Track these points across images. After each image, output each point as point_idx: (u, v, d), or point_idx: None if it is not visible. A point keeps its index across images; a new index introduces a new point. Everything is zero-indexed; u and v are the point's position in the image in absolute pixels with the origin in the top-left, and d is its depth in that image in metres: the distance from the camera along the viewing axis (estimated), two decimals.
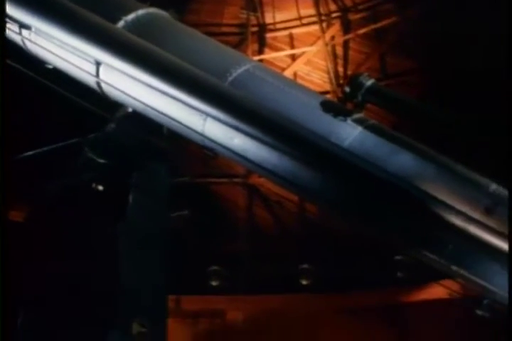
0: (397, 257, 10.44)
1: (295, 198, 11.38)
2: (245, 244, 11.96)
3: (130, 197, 4.72)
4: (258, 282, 11.12)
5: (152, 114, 4.41)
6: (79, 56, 4.13)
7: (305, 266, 11.25)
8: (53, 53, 4.28)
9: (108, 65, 4.01)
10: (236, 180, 11.81)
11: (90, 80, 4.45)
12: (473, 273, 5.70)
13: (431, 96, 10.45)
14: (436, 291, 9.36)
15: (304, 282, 11.22)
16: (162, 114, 4.27)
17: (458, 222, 5.12)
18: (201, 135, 4.48)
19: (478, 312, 7.06)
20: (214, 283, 11.36)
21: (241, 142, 4.50)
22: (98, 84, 4.43)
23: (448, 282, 8.40)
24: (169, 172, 5.24)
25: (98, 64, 4.20)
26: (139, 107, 4.43)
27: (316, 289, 11.15)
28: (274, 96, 4.35)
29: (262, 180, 11.31)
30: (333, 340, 11.16)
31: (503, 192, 5.72)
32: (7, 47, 4.19)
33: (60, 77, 4.49)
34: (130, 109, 4.71)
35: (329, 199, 5.51)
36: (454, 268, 5.56)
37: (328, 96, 10.73)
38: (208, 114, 4.05)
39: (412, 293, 10.62)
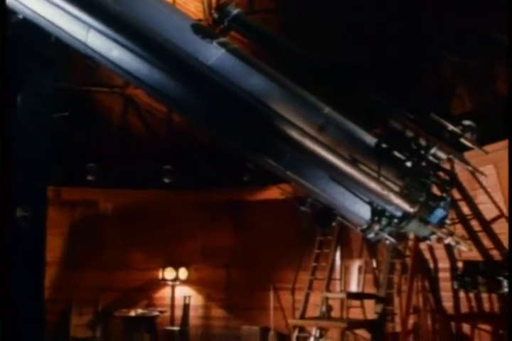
0: (245, 164, 10.69)
1: (164, 109, 11.29)
2: (118, 146, 11.83)
3: (18, 98, 4.54)
4: (127, 178, 11.10)
5: (41, 23, 4.20)
6: None
7: (168, 166, 11.30)
8: None
9: None
10: (114, 89, 11.50)
11: None
12: (303, 178, 5.98)
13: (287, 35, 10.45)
14: (273, 192, 9.68)
15: (167, 180, 11.30)
16: (50, 22, 4.08)
17: (296, 136, 5.31)
18: (84, 45, 4.34)
19: (303, 208, 7.45)
20: (90, 178, 11.23)
21: (118, 53, 4.40)
22: None
23: (283, 185, 8.79)
24: (55, 78, 5.06)
25: None
26: (29, 15, 4.19)
27: (176, 186, 11.28)
28: (152, 15, 4.24)
29: (137, 91, 11.08)
30: (187, 229, 11.43)
31: (335, 114, 5.95)
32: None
33: None
34: (21, 16, 4.44)
35: (191, 110, 5.53)
36: (289, 173, 5.81)
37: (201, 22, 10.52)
38: (90, 26, 3.91)
39: (253, 193, 10.96)
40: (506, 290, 8.03)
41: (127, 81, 9.45)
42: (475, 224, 8.55)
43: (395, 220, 6.38)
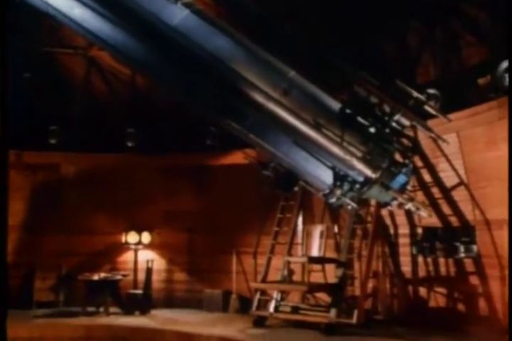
0: (209, 128, 10.60)
1: (128, 71, 11.09)
2: (81, 108, 11.61)
3: None
4: (90, 141, 10.93)
5: None
6: None
7: (131, 130, 11.15)
8: None
9: None
10: (77, 51, 11.23)
11: None
12: (266, 142, 5.96)
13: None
14: (237, 157, 9.65)
15: (129, 144, 11.15)
16: None
17: (260, 99, 5.26)
18: (45, 3, 4.22)
19: (265, 172, 7.46)
20: (52, 141, 11.04)
21: (80, 12, 4.28)
22: None
23: (247, 150, 8.77)
24: (22, 41, 4.93)
25: None
26: None
27: (140, 150, 11.15)
28: None
29: (100, 53, 10.84)
30: (150, 193, 11.35)
31: (299, 78, 5.91)
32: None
33: None
34: None
35: (155, 72, 5.43)
36: (252, 136, 5.78)
37: None
38: None
39: (217, 158, 10.88)
40: (462, 255, 8.20)
41: (90, 42, 9.26)
42: (435, 191, 8.66)
43: (357, 185, 6.44)
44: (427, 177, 8.70)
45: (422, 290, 8.95)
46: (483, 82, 7.92)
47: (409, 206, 6.51)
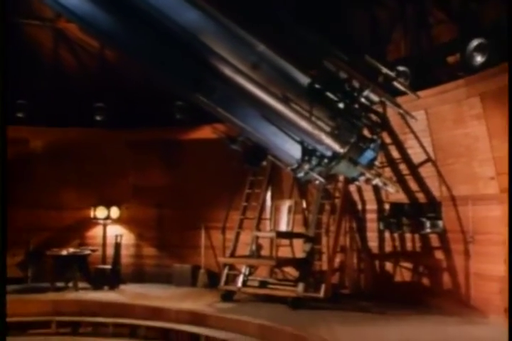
0: (178, 103, 10.49)
1: (97, 44, 10.90)
2: (49, 82, 11.39)
3: None
4: (58, 115, 10.75)
5: None
6: None
7: (100, 104, 10.98)
8: None
9: None
10: (45, 23, 10.99)
11: None
12: (234, 115, 5.92)
13: None
14: (206, 132, 9.57)
15: (98, 118, 10.99)
16: None
17: (228, 72, 5.20)
18: None
19: (233, 146, 7.42)
20: (20, 115, 10.84)
21: None
22: None
23: (216, 124, 8.71)
24: None
25: None
26: None
27: (108, 125, 10.99)
28: None
29: (69, 25, 10.63)
30: (119, 168, 11.22)
31: (269, 52, 5.85)
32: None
33: None
34: None
35: (124, 44, 5.33)
36: (220, 110, 5.73)
37: None
38: None
39: (186, 133, 10.78)
40: (428, 230, 8.31)
41: (58, 13, 9.06)
42: (403, 167, 8.73)
43: (325, 160, 6.45)
44: (395, 153, 8.75)
45: (389, 265, 9.07)
46: (453, 60, 7.95)
47: (376, 181, 6.55)
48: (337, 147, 6.02)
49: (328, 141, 5.94)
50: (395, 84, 7.12)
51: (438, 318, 7.45)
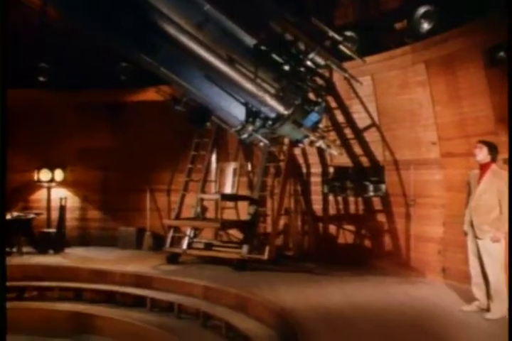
0: (123, 64, 10.24)
1: (38, 1, 10.45)
2: None
3: None
4: None
5: None
6: None
7: (43, 64, 10.59)
8: None
9: None
10: None
11: None
12: (178, 75, 5.80)
13: None
14: (151, 94, 9.38)
15: (41, 79, 10.61)
16: None
17: (172, 31, 5.07)
18: None
19: (177, 107, 7.31)
20: None
21: None
22: None
23: (162, 86, 8.55)
24: None
25: None
26: None
27: (52, 86, 10.63)
28: None
29: None
30: (63, 130, 10.93)
31: (215, 12, 5.72)
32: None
33: None
34: None
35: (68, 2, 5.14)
36: (164, 69, 5.61)
37: None
38: None
39: (131, 95, 10.55)
40: (371, 194, 8.42)
41: None
42: (348, 132, 8.78)
43: (269, 122, 6.42)
44: (340, 117, 8.79)
45: (332, 228, 9.19)
46: (400, 26, 7.96)
47: (320, 144, 6.56)
48: (281, 109, 5.99)
49: (273, 102, 5.89)
50: (342, 47, 7.09)
51: (379, 279, 7.62)
